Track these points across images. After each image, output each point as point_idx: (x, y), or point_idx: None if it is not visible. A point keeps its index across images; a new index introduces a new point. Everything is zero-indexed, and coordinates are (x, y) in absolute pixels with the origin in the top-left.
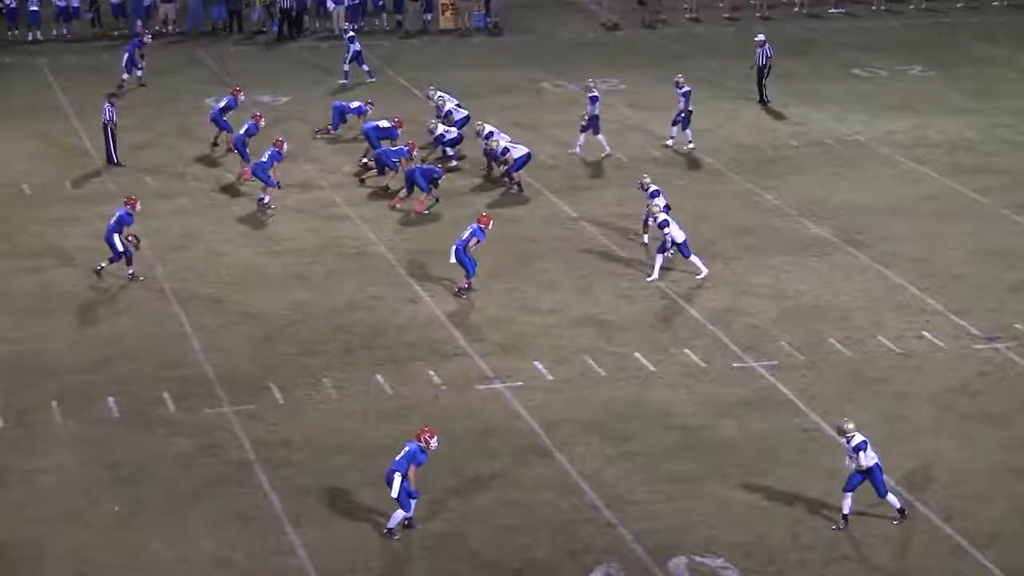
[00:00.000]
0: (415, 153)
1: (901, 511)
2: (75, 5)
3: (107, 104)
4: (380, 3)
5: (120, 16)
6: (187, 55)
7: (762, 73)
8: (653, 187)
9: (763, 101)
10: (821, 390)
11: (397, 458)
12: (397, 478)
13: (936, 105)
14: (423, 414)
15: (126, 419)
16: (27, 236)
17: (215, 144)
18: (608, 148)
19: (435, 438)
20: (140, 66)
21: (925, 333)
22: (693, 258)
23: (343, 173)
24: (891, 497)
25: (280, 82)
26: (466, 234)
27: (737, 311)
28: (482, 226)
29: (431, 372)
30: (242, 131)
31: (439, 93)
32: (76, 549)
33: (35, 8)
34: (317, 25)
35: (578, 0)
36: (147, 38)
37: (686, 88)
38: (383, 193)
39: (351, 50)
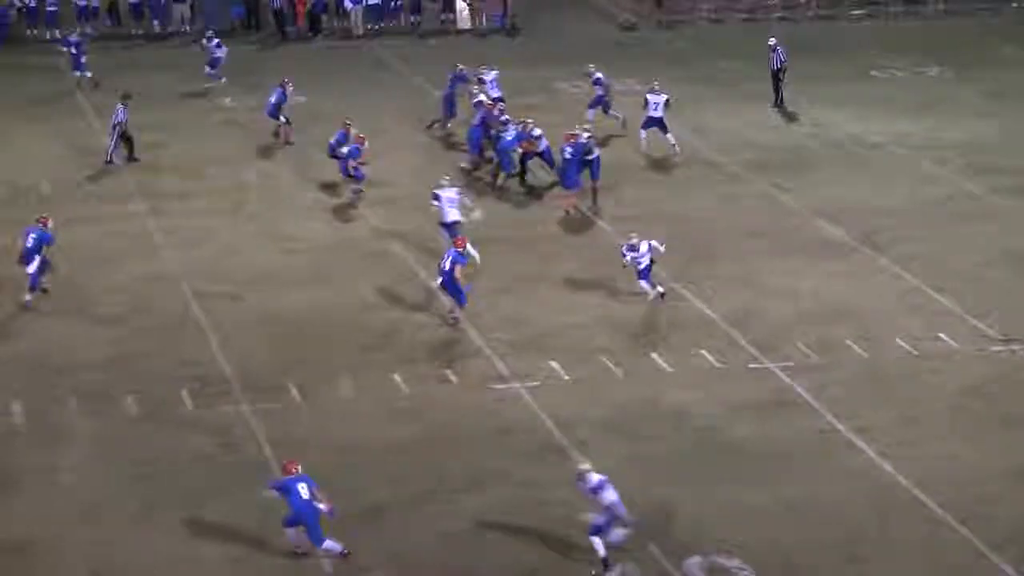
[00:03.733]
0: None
1: (604, 561)
2: (94, 5)
3: (120, 105)
4: (398, 4)
5: (138, 16)
6: (204, 55)
7: (777, 76)
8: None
9: (779, 104)
10: (837, 392)
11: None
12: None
13: (953, 106)
14: (439, 413)
15: (144, 417)
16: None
17: (276, 135)
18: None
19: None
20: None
21: (941, 335)
22: (643, 283)
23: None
24: (596, 541)
25: (302, 81)
26: (447, 263)
27: (753, 312)
28: (459, 250)
29: (447, 371)
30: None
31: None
32: (94, 545)
33: (54, 7)
34: (335, 24)
35: (595, 1)
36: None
37: (597, 75)
38: (397, 195)
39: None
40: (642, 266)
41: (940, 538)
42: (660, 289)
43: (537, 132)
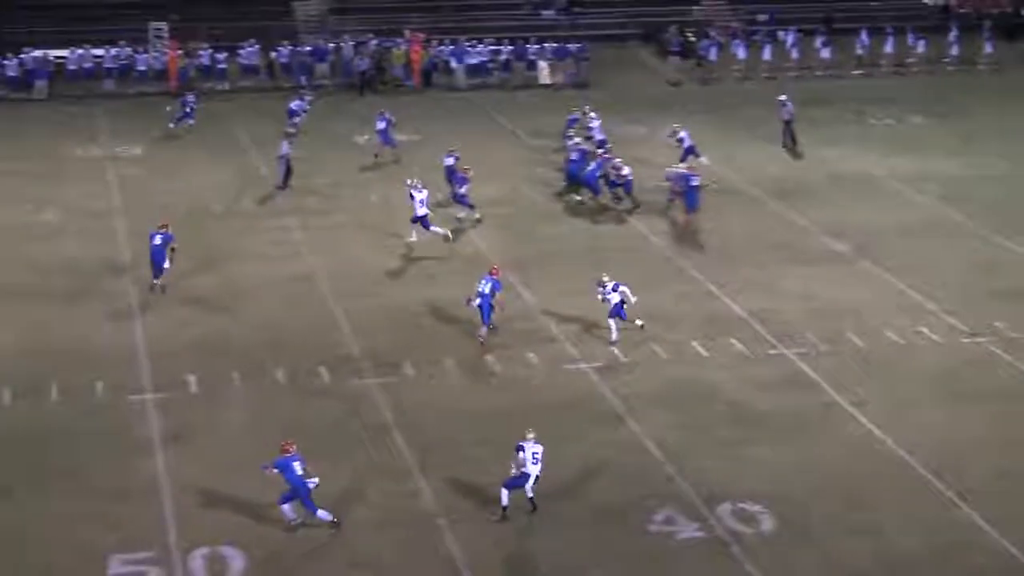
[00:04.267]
0: None
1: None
2: (254, 63)
3: (285, 142)
4: (490, 65)
5: (288, 72)
6: (338, 104)
7: (788, 125)
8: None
9: (786, 146)
10: (839, 373)
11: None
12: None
13: (933, 147)
14: (522, 388)
15: (291, 387)
16: (215, 243)
17: (396, 161)
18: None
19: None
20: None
21: (923, 329)
22: (611, 320)
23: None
24: (504, 492)
25: (415, 124)
26: (487, 288)
27: (772, 309)
28: (496, 277)
29: (530, 354)
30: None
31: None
32: (244, 491)
33: (223, 65)
34: (442, 81)
35: (647, 61)
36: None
37: (681, 134)
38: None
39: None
40: (612, 303)
41: (920, 488)
42: (639, 322)
43: (625, 170)
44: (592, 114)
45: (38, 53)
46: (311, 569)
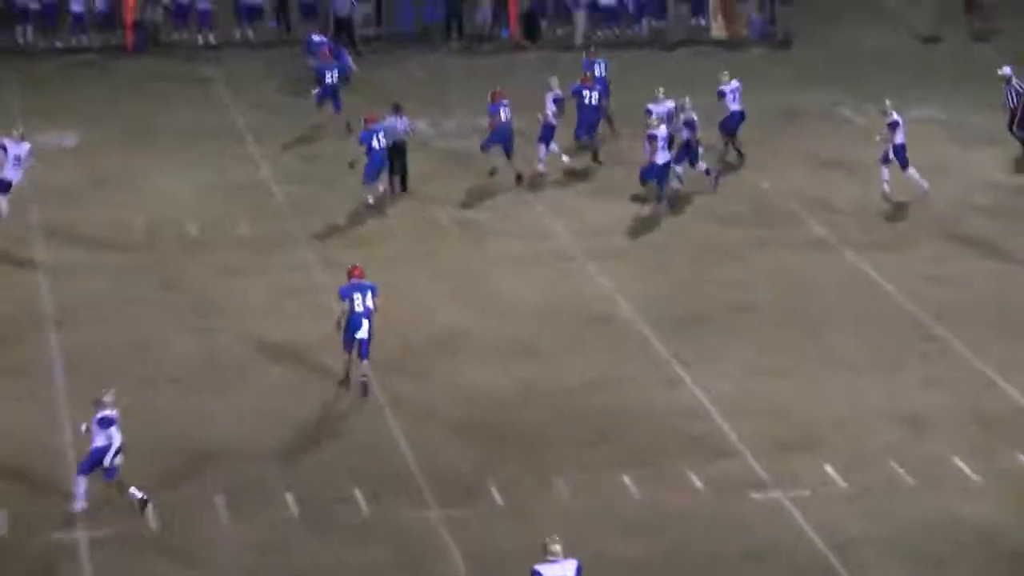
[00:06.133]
0: None
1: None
2: (259, 2)
3: (397, 117)
4: (639, 3)
5: (311, 15)
6: (391, 64)
7: None
8: None
9: None
10: None
11: None
12: None
13: None
14: (680, 527)
15: (307, 520)
16: (191, 288)
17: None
18: (924, 184)
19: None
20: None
21: None
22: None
23: (581, 216)
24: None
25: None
26: (368, 300)
27: None
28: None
29: (692, 474)
30: None
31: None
32: None
33: (206, 6)
34: (558, 32)
35: (888, 5)
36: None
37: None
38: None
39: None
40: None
41: None
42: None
43: None
44: (659, 104)
45: None
46: None
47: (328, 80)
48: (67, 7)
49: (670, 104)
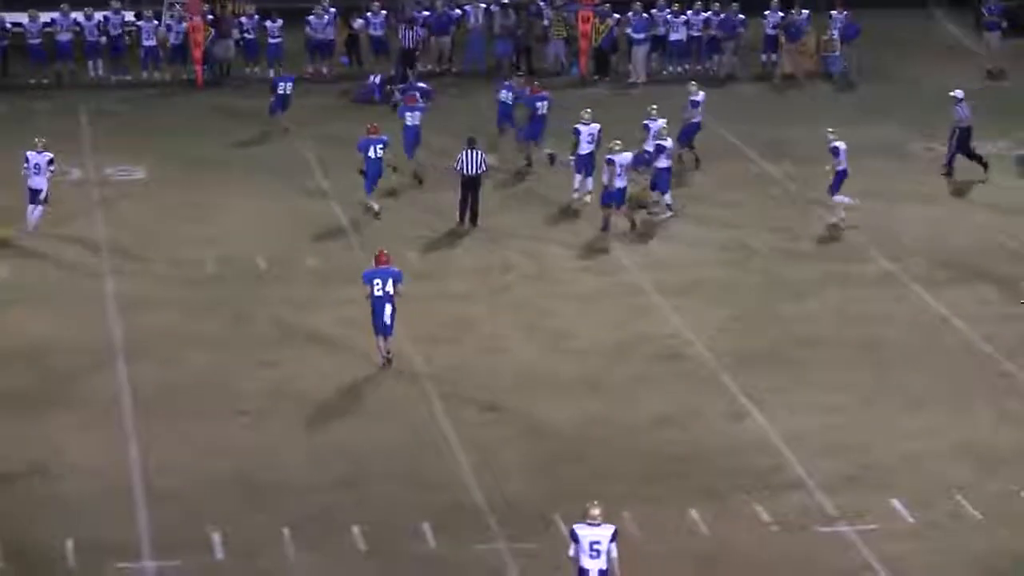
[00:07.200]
0: None
1: None
2: (330, 37)
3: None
4: (709, 40)
5: (381, 53)
6: (464, 99)
7: None
8: None
9: None
10: None
11: None
12: None
13: None
14: (747, 561)
15: (374, 553)
16: (260, 321)
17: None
18: (849, 199)
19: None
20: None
21: None
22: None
23: (650, 251)
24: None
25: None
26: (388, 286)
27: None
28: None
29: (759, 508)
30: None
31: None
32: None
33: (277, 39)
34: (620, 69)
35: (956, 39)
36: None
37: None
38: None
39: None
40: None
41: None
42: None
43: None
44: (654, 121)
45: None
46: None
47: (280, 91)
48: (139, 41)
49: (663, 122)
